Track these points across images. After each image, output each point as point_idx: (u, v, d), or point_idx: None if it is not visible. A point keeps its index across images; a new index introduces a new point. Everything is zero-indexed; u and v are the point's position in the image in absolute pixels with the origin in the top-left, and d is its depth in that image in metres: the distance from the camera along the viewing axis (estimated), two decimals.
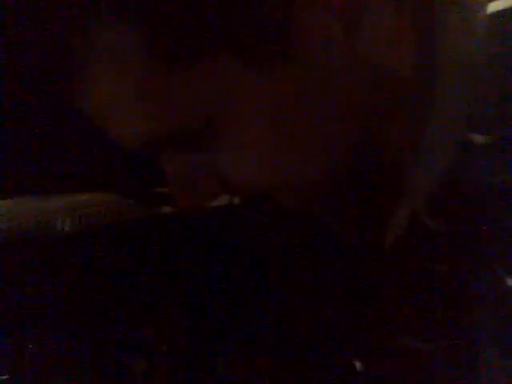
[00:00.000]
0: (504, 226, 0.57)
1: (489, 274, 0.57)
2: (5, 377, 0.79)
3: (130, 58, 0.52)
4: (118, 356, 0.83)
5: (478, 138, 0.57)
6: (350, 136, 0.58)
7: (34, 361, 0.81)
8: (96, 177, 0.89)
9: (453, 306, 0.59)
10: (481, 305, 0.58)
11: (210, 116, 0.54)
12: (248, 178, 0.58)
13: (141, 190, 0.91)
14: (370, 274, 0.64)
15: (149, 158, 0.75)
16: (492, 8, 0.61)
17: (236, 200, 0.80)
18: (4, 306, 0.82)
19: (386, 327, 0.64)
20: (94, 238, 0.90)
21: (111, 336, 0.83)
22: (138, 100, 0.54)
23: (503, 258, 0.57)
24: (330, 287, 0.68)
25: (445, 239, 0.59)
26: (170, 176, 0.61)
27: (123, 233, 0.90)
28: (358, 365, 0.69)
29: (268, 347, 0.76)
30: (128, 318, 0.84)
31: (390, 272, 0.63)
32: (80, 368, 0.81)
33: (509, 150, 0.57)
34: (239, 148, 0.56)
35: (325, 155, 0.58)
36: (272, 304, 0.75)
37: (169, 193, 0.92)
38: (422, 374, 0.61)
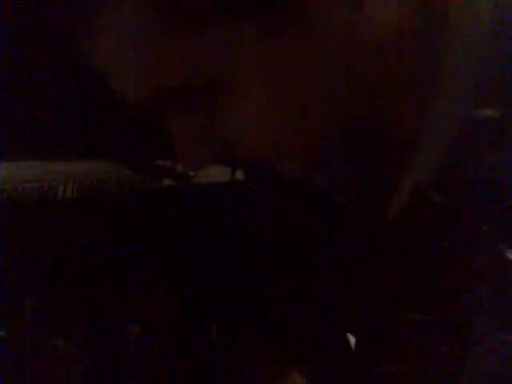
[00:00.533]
0: (506, 202, 0.57)
1: (489, 248, 0.58)
2: (1, 332, 0.79)
3: (141, 14, 0.52)
4: (113, 320, 0.83)
5: (486, 111, 0.57)
6: (354, 106, 0.59)
7: (31, 319, 0.81)
8: (98, 145, 0.89)
9: (453, 280, 0.60)
10: (481, 278, 0.58)
11: (216, 76, 0.54)
12: (250, 141, 0.58)
13: (143, 162, 0.91)
14: (372, 245, 0.65)
15: (153, 125, 0.75)
16: None
17: (237, 175, 0.80)
18: (2, 266, 0.82)
19: (385, 300, 0.64)
20: (93, 207, 0.90)
21: (107, 301, 0.83)
22: (146, 55, 0.54)
23: (505, 232, 0.57)
24: (330, 259, 0.69)
25: (448, 213, 0.59)
26: (174, 137, 0.61)
27: (123, 203, 0.90)
28: (351, 338, 0.69)
29: (264, 317, 0.77)
30: (125, 285, 0.84)
31: (392, 244, 0.63)
32: (76, 329, 0.82)
33: None
34: (243, 111, 0.57)
35: (328, 124, 0.59)
36: (271, 276, 0.76)
37: (170, 164, 0.93)
38: (420, 346, 0.62)
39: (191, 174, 0.94)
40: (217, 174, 0.85)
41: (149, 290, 0.86)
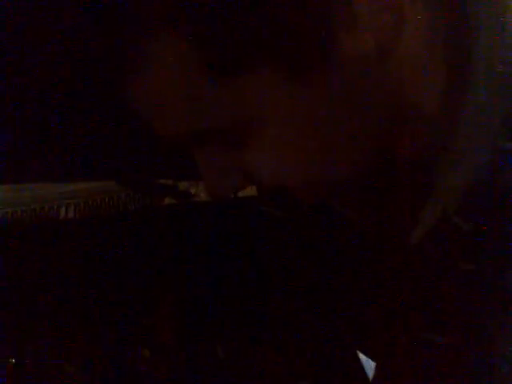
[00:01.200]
0: None
1: None
2: (12, 360, 0.79)
3: (180, 63, 0.57)
4: (123, 343, 0.83)
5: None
6: (379, 136, 0.61)
7: (40, 346, 0.81)
8: (100, 166, 0.89)
9: (477, 305, 0.61)
10: (506, 305, 0.60)
11: (246, 118, 0.58)
12: (274, 174, 0.61)
13: (145, 181, 0.91)
14: (393, 270, 0.66)
15: (159, 150, 0.76)
16: None
17: (248, 192, 0.81)
18: (8, 293, 0.82)
19: (406, 322, 0.65)
20: (96, 226, 0.90)
21: (115, 324, 0.83)
22: (183, 98, 0.58)
23: None
24: (348, 282, 0.70)
25: (473, 239, 0.60)
26: (202, 167, 0.64)
27: (125, 222, 0.90)
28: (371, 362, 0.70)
29: (275, 336, 0.78)
30: (132, 306, 0.84)
31: (416, 269, 0.64)
32: (85, 354, 0.82)
33: None
34: (269, 147, 0.60)
35: (353, 155, 0.61)
36: (285, 297, 0.76)
37: (172, 182, 0.93)
38: (444, 369, 0.63)
39: (192, 192, 0.95)
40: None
41: (156, 311, 0.86)
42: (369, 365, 0.70)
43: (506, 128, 0.59)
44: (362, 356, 0.72)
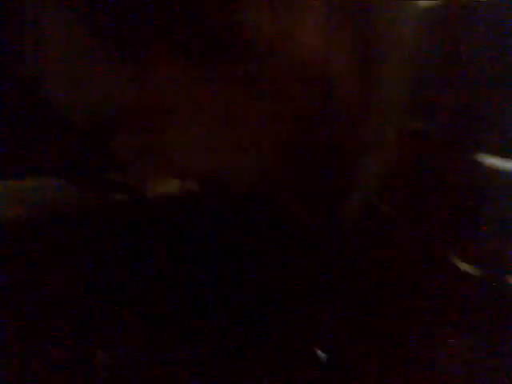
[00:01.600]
0: (454, 212, 0.59)
1: (439, 258, 0.59)
2: None
3: (96, 55, 0.59)
4: (81, 348, 0.82)
5: (420, 125, 0.59)
6: (298, 124, 0.61)
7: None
8: (43, 162, 0.88)
9: (404, 289, 0.61)
10: (432, 288, 0.59)
11: (162, 104, 0.57)
12: (194, 161, 0.62)
13: (90, 176, 0.90)
14: (324, 255, 0.66)
15: (100, 142, 0.75)
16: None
17: (186, 186, 0.80)
18: None
19: (340, 309, 0.65)
20: (41, 227, 0.89)
21: (72, 330, 0.82)
22: (98, 85, 0.58)
23: (455, 242, 0.58)
24: (284, 270, 0.69)
25: (396, 223, 0.60)
26: (122, 156, 0.64)
27: (72, 221, 0.89)
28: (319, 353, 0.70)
29: (227, 337, 0.77)
30: (87, 312, 0.83)
31: (344, 254, 0.64)
32: (45, 360, 0.81)
33: (451, 138, 0.60)
34: (188, 133, 0.59)
35: (273, 142, 0.61)
36: (226, 293, 0.76)
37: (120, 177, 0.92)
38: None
39: (142, 186, 0.94)
40: (168, 186, 0.84)
41: (113, 316, 0.85)
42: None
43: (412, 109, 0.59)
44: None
